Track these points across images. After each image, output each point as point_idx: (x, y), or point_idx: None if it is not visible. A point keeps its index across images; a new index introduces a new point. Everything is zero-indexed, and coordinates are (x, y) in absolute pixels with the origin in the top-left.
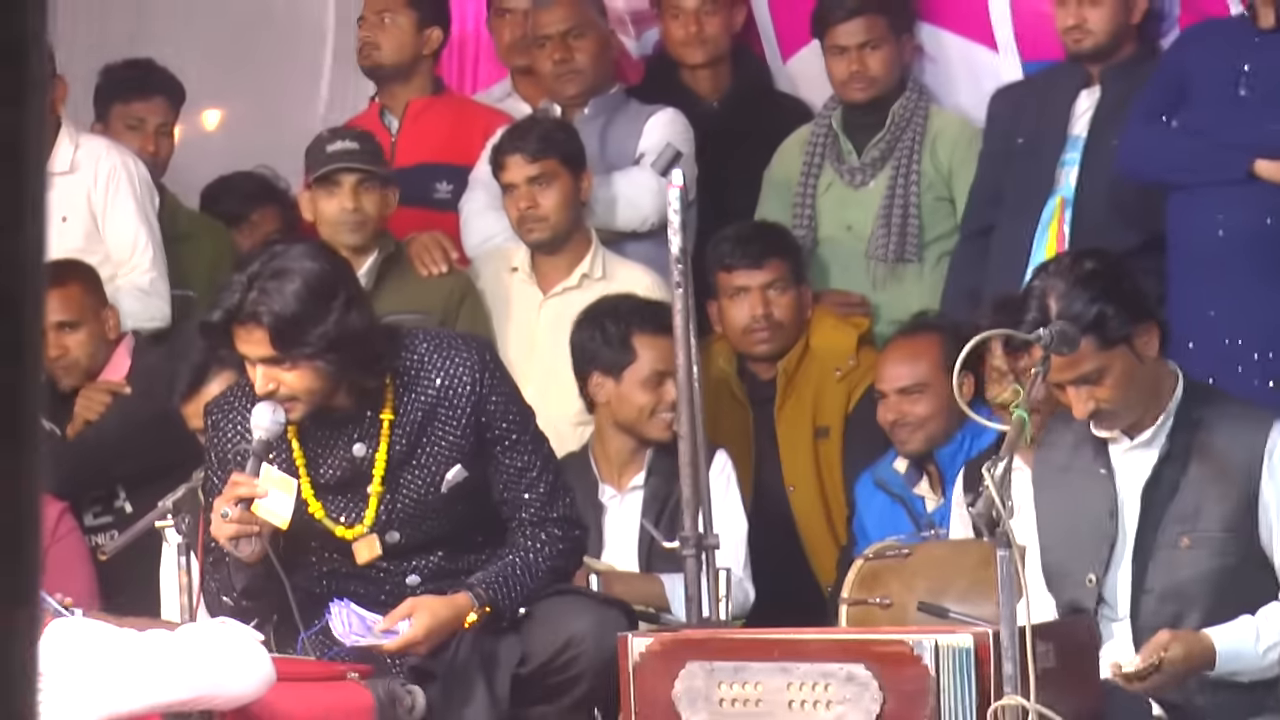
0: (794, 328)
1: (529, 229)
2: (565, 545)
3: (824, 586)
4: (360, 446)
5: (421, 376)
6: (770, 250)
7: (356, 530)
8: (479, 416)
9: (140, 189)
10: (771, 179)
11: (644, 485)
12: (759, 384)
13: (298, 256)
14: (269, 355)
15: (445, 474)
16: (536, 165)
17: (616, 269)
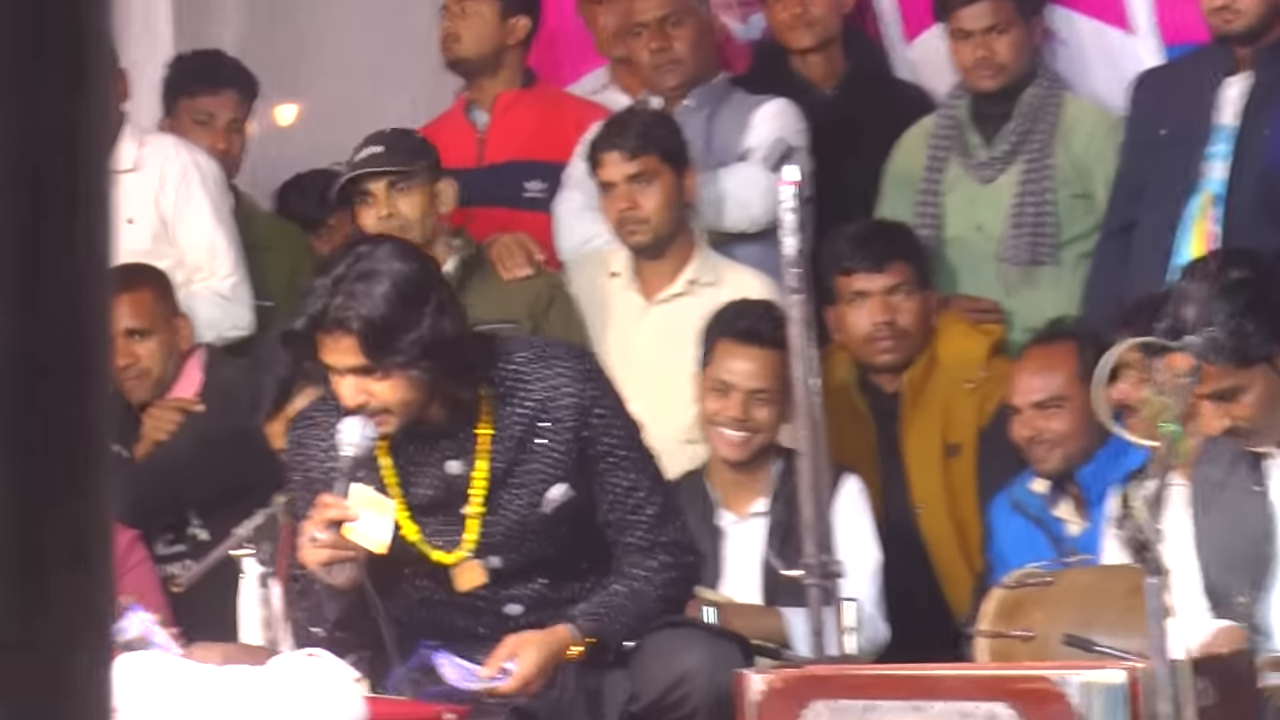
0: (920, 336)
1: (629, 231)
2: (676, 573)
3: (958, 617)
4: (456, 464)
5: (520, 388)
6: (893, 252)
7: (456, 554)
8: (582, 430)
9: (215, 188)
10: (893, 174)
11: (767, 511)
12: (883, 397)
13: (385, 257)
14: (359, 364)
15: (547, 493)
16: (636, 162)
17: (726, 273)
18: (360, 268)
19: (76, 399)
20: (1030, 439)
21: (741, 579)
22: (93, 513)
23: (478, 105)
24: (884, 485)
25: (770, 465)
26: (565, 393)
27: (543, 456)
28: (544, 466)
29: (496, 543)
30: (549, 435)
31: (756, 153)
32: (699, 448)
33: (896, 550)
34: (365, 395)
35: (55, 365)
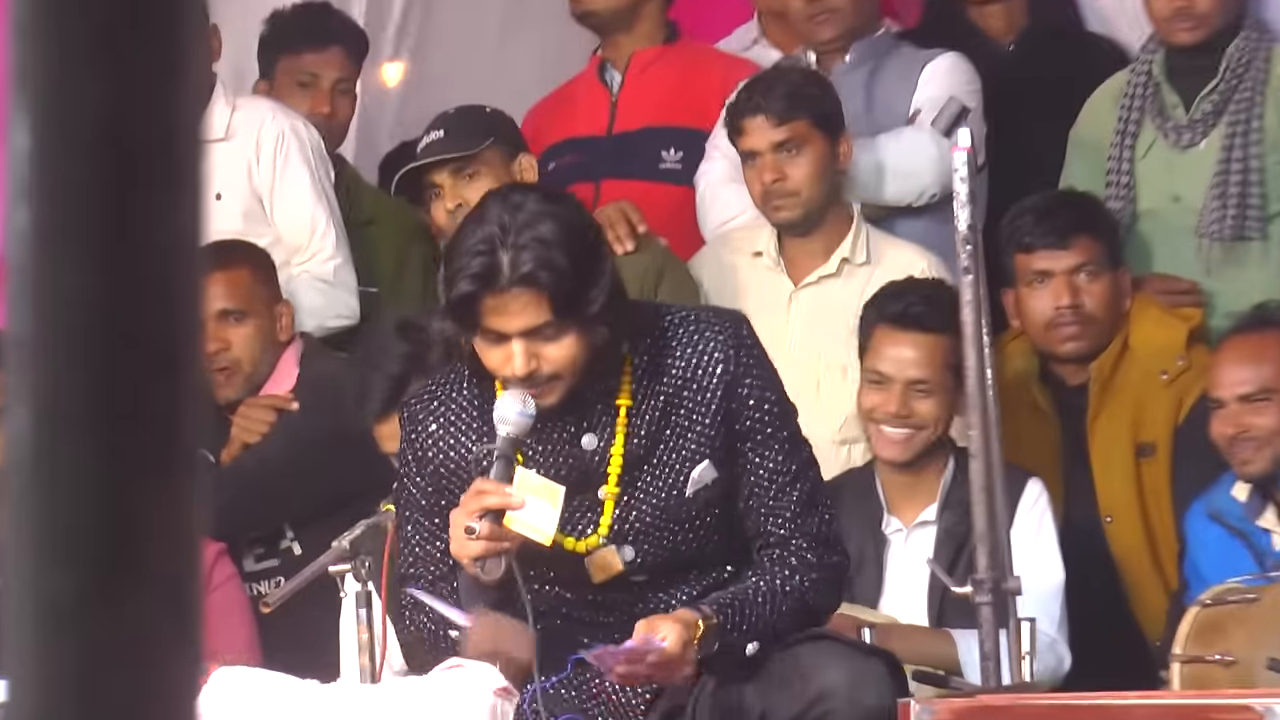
0: (1109, 321)
1: (776, 206)
2: (820, 574)
3: (1150, 640)
4: (591, 438)
5: (665, 355)
6: (1079, 226)
7: (590, 541)
8: (730, 402)
9: (315, 159)
10: (1079, 139)
11: (937, 519)
12: (1066, 390)
13: (544, 204)
14: (539, 324)
15: (690, 473)
16: (783, 129)
17: (885, 250)
18: (523, 219)
19: (166, 376)
20: (1233, 437)
21: (906, 596)
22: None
23: (612, 64)
24: (1066, 491)
25: (943, 467)
26: (714, 359)
27: (686, 433)
28: (688, 443)
29: (633, 530)
30: (694, 409)
31: (925, 115)
32: (857, 449)
33: (1080, 565)
34: (536, 360)
35: (144, 338)
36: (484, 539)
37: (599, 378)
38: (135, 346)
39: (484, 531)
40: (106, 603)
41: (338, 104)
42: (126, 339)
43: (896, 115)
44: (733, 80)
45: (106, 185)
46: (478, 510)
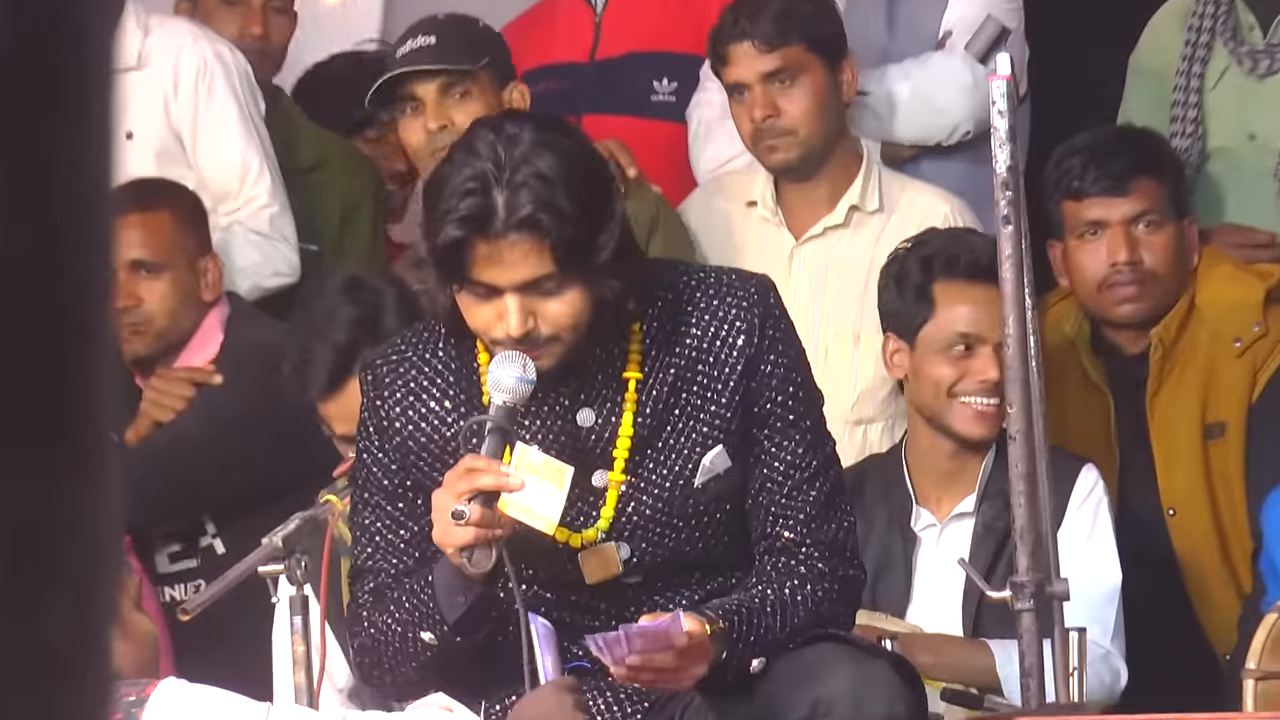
0: (1173, 279)
1: (769, 147)
2: (834, 586)
3: (1219, 652)
4: (588, 413)
5: (680, 322)
6: (1139, 168)
7: (587, 534)
8: (750, 380)
9: (244, 90)
10: (1140, 66)
11: (974, 511)
12: (1123, 361)
13: (545, 135)
14: (536, 276)
15: (701, 460)
16: (774, 56)
17: (900, 195)
18: (521, 152)
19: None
20: None
21: (938, 602)
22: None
23: None
24: (1122, 478)
25: (984, 453)
26: (736, 329)
27: (699, 413)
28: (700, 424)
29: (630, 525)
30: (709, 386)
31: (956, 37)
32: (874, 430)
33: (1138, 565)
34: (533, 319)
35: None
36: (474, 525)
37: (599, 341)
38: (34, 311)
39: (475, 517)
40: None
41: (272, 24)
42: (24, 301)
43: (923, 38)
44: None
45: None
46: (468, 492)
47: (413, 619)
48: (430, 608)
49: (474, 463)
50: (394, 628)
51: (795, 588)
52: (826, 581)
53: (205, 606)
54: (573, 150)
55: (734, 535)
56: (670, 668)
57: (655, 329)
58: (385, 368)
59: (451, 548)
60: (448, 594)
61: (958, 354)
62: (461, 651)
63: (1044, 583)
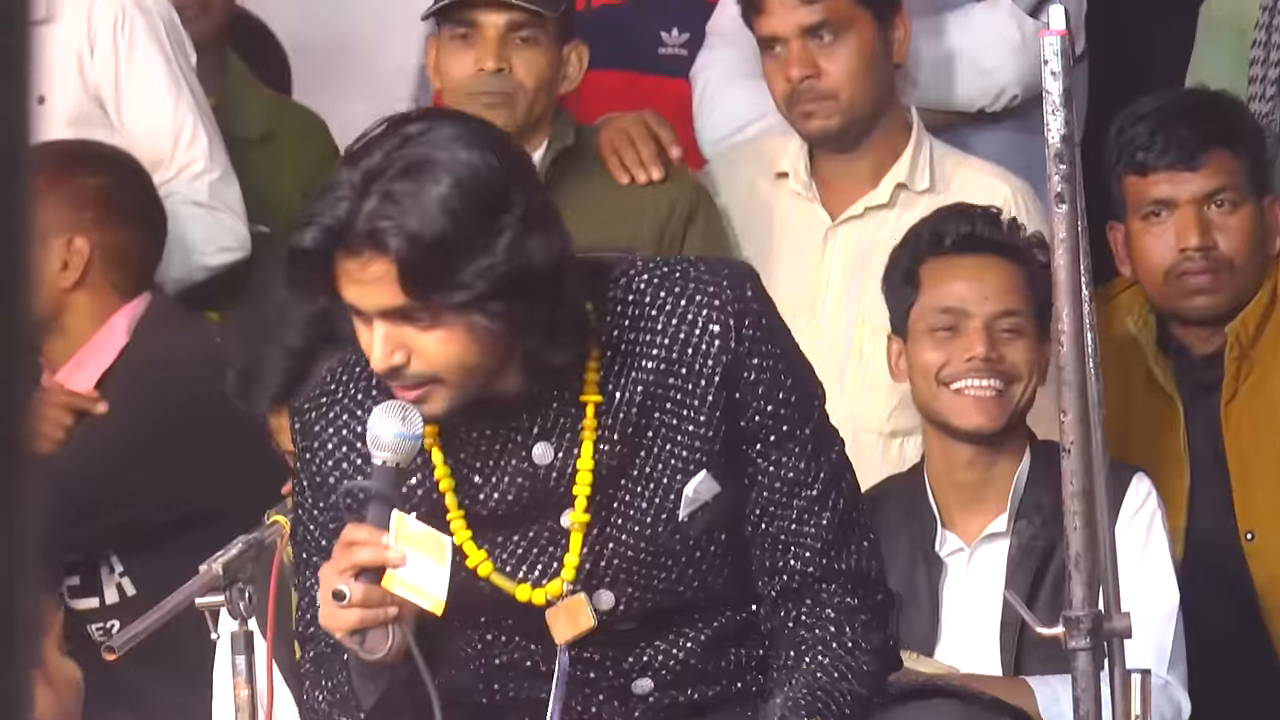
0: (1252, 268)
1: (806, 112)
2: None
3: None
4: (545, 448)
5: (642, 329)
6: (1213, 139)
7: (551, 588)
8: (731, 390)
9: (170, 41)
10: (1212, 18)
11: (1008, 531)
12: (1194, 361)
13: (446, 142)
14: (395, 305)
15: (683, 489)
16: (818, 7)
17: (954, 174)
18: (408, 155)
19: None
20: None
21: (970, 635)
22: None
23: None
24: (1193, 497)
25: (1016, 462)
26: (710, 334)
27: (675, 434)
28: (677, 449)
29: (610, 569)
30: (684, 402)
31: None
32: (911, 444)
33: (1211, 594)
34: (403, 352)
35: None
36: (358, 606)
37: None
38: None
39: (358, 597)
40: None
41: None
42: None
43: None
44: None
45: None
46: (349, 569)
47: (335, 701)
48: (346, 692)
49: (354, 535)
50: (323, 706)
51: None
52: (862, 615)
53: (131, 645)
54: (470, 165)
55: (736, 565)
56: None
57: (615, 339)
58: (314, 414)
59: (339, 632)
60: (360, 679)
61: (943, 335)
62: None
63: (1102, 617)
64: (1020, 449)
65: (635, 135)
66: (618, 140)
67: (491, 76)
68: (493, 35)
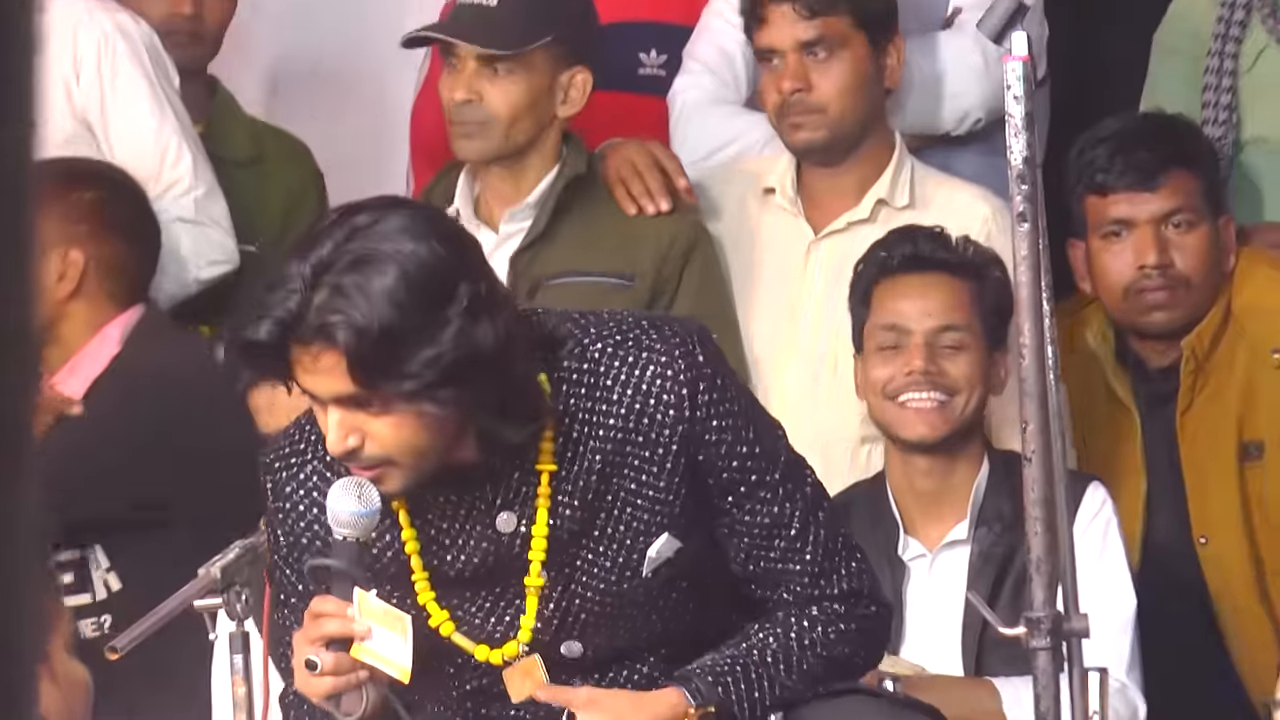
0: (1207, 285)
1: (795, 124)
2: (853, 625)
3: (1258, 699)
4: (508, 517)
5: (599, 399)
6: (1170, 161)
7: (508, 649)
8: (694, 454)
9: (152, 63)
10: (1166, 45)
11: (968, 538)
12: (1151, 376)
13: (393, 234)
14: (346, 393)
15: (647, 549)
16: (815, 24)
17: (934, 193)
18: (355, 249)
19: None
20: None
21: (934, 637)
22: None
23: None
24: (1150, 504)
25: (975, 471)
26: (665, 404)
27: (635, 498)
28: (639, 512)
29: (578, 624)
30: (643, 469)
31: (967, 15)
32: (878, 451)
33: (1166, 599)
34: (357, 436)
35: None
36: (330, 674)
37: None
38: None
39: (329, 665)
40: None
41: (206, 4)
42: None
43: (930, 12)
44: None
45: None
46: (319, 639)
47: None
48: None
49: (322, 607)
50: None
51: (804, 630)
52: (842, 623)
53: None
54: (415, 256)
55: (697, 607)
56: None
57: (572, 409)
58: (285, 474)
59: (316, 696)
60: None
61: (889, 352)
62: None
63: (1062, 619)
64: (978, 458)
65: (643, 167)
66: (624, 170)
67: (463, 107)
68: (469, 67)
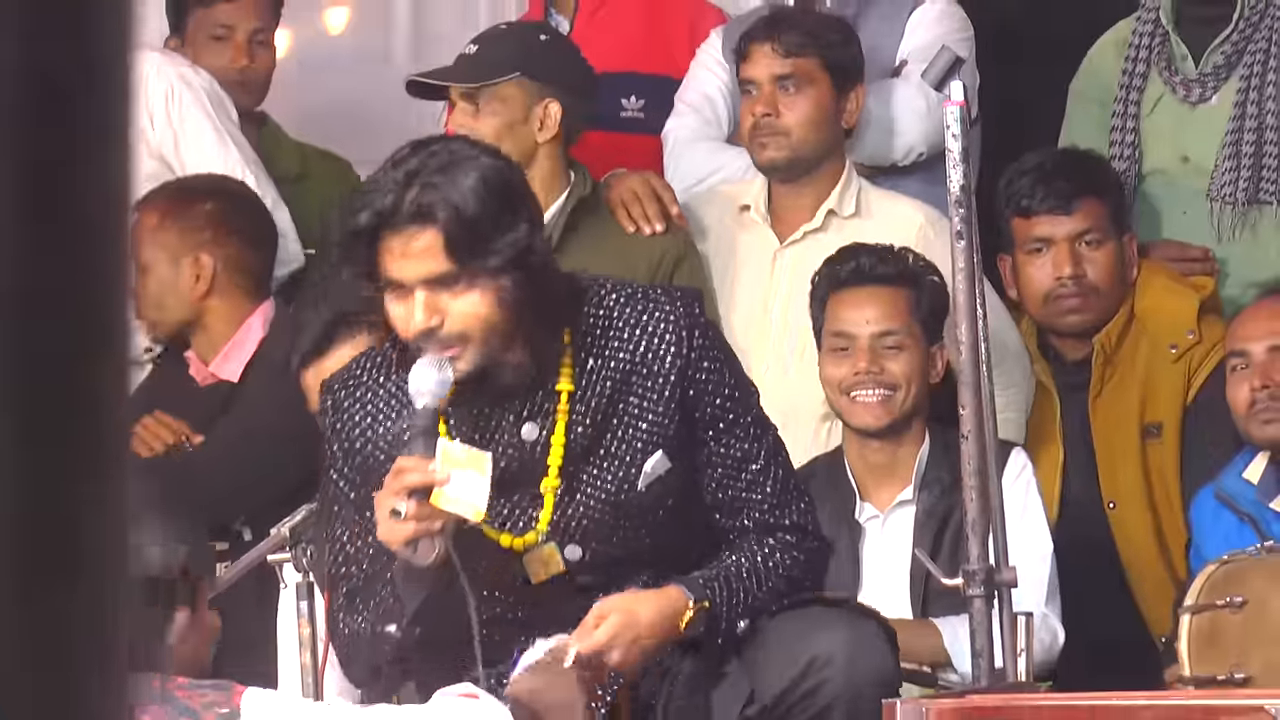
0: (1114, 291)
1: (761, 143)
2: (803, 555)
3: (1156, 636)
4: (531, 427)
5: (611, 337)
6: (1083, 189)
7: (528, 538)
8: (686, 388)
9: (212, 104)
10: (1080, 92)
11: (914, 500)
12: (1067, 367)
13: (467, 150)
14: (438, 272)
15: (643, 465)
16: (789, 62)
17: (875, 203)
18: (439, 160)
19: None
20: (1258, 392)
21: (886, 586)
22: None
23: (557, 7)
24: (1066, 473)
25: (919, 444)
26: (666, 342)
27: (638, 421)
28: (639, 433)
29: (579, 528)
30: (645, 395)
31: (912, 66)
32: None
33: (1081, 554)
34: (438, 316)
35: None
36: (412, 520)
37: (536, 355)
38: (57, 322)
39: (411, 512)
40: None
41: (255, 55)
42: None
43: (881, 63)
44: (699, 24)
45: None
46: (401, 491)
47: (378, 615)
48: (391, 603)
49: (403, 464)
50: (363, 626)
51: (767, 554)
52: (794, 552)
53: (220, 592)
54: (491, 165)
55: (681, 527)
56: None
57: (586, 343)
58: (344, 393)
59: (395, 544)
60: (407, 588)
61: (841, 354)
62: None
63: (994, 570)
64: (921, 435)
65: (642, 194)
66: (626, 196)
67: None
68: (459, 105)
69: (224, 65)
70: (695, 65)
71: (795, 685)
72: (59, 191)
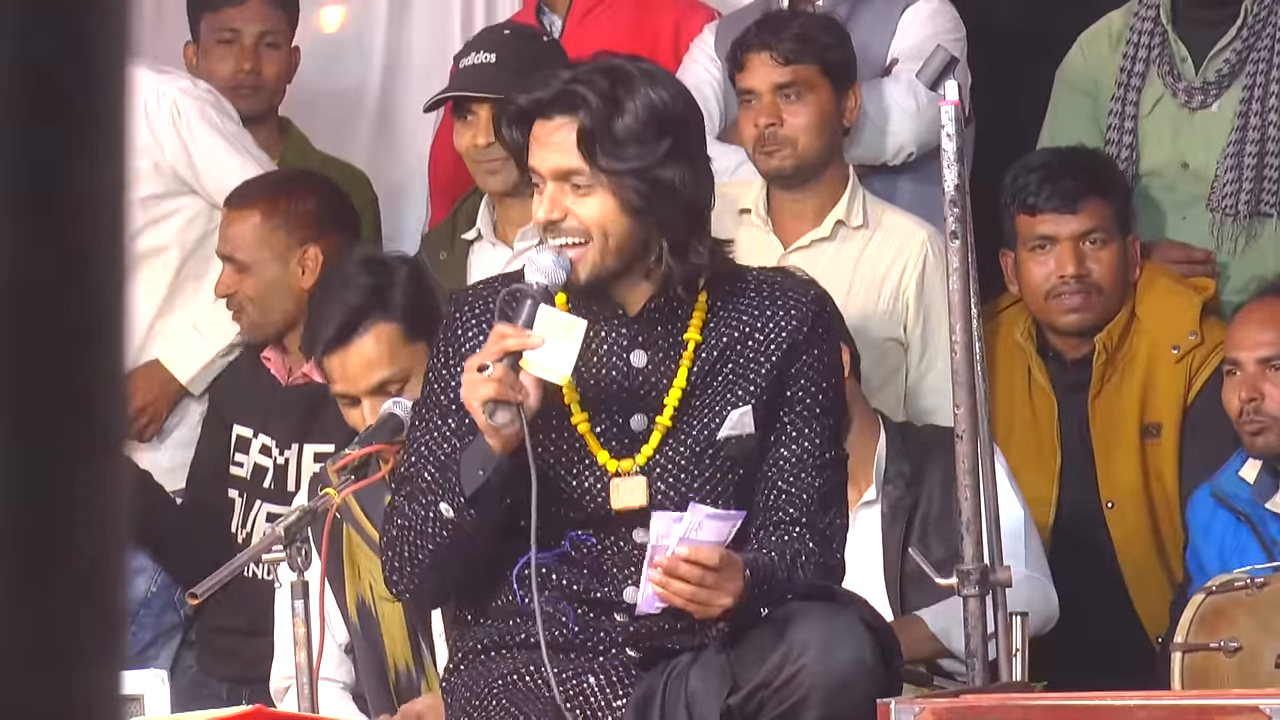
0: (1116, 292)
1: (767, 152)
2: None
3: (1153, 636)
4: (641, 355)
5: (741, 304)
6: (1089, 189)
7: (624, 465)
8: (787, 365)
9: (215, 113)
10: (1067, 81)
11: (877, 498)
12: (1067, 366)
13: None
14: (568, 166)
15: (729, 413)
16: (788, 70)
17: (883, 216)
18: (614, 75)
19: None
20: (1246, 404)
21: (862, 582)
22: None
23: (550, 8)
24: (1065, 473)
25: (874, 442)
26: (788, 318)
27: (739, 379)
28: (736, 388)
29: (667, 471)
30: (754, 358)
31: (903, 65)
32: None
33: (1079, 553)
34: (561, 210)
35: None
36: (496, 380)
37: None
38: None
39: (497, 372)
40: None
41: (265, 60)
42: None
43: (873, 62)
44: (690, 24)
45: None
46: (495, 353)
47: (435, 493)
48: (451, 480)
49: (502, 329)
50: (418, 510)
51: (794, 555)
52: (813, 561)
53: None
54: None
55: (734, 498)
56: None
57: (719, 305)
58: (467, 306)
59: (476, 402)
60: (470, 466)
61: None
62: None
63: (989, 570)
64: (875, 431)
65: None
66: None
67: (486, 149)
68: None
69: (232, 69)
70: (688, 59)
71: (773, 673)
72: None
